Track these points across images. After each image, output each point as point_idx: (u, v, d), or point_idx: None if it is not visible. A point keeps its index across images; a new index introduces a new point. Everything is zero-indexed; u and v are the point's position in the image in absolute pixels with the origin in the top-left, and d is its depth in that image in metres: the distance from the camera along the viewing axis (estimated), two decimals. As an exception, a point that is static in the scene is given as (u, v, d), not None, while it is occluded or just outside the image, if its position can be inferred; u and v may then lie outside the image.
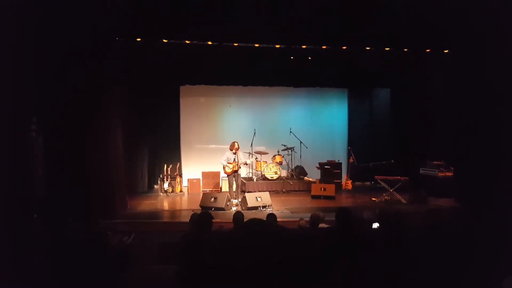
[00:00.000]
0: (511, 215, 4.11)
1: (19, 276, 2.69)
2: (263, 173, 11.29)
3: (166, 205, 9.52)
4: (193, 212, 5.49)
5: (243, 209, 8.40)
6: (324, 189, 10.08)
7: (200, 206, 8.51)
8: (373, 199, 9.78)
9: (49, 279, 2.75)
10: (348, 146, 12.04)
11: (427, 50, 9.37)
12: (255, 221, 1.73)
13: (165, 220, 8.10)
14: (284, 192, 10.78)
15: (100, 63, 7.49)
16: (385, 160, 10.36)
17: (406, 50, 9.32)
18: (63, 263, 2.88)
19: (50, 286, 2.71)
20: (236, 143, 9.27)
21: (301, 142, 11.64)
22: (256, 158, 11.39)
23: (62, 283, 2.75)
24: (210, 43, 8.75)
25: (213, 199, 8.58)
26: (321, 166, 11.27)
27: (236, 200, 9.15)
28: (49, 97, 6.84)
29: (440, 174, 9.90)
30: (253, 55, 9.39)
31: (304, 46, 9.23)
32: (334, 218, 4.11)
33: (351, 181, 11.17)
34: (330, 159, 11.67)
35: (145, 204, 9.36)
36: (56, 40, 6.68)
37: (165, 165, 10.65)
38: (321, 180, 10.98)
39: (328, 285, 2.83)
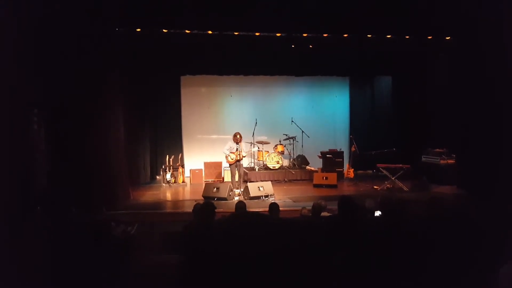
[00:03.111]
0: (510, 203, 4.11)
1: (21, 267, 2.70)
2: (265, 163, 11.29)
3: (168, 196, 9.55)
4: (195, 202, 5.51)
5: (245, 199, 8.43)
6: (326, 178, 10.09)
7: (203, 196, 8.53)
8: (375, 187, 9.78)
9: (52, 269, 2.77)
10: (350, 135, 12.00)
11: (429, 37, 9.30)
12: (255, 215, 1.73)
13: (168, 211, 8.14)
14: (286, 181, 10.79)
15: (100, 54, 7.46)
16: (387, 148, 10.34)
17: (407, 37, 9.25)
18: (66, 254, 2.90)
19: (54, 277, 2.73)
20: (238, 135, 9.25)
21: (302, 131, 11.62)
22: (258, 148, 11.39)
23: (65, 273, 2.77)
24: (210, 32, 8.69)
25: (215, 189, 8.59)
26: (323, 155, 11.27)
27: (238, 190, 9.17)
28: (49, 89, 6.83)
29: (442, 161, 9.88)
30: (254, 44, 9.32)
31: (305, 35, 9.15)
32: (336, 207, 4.11)
33: (353, 169, 11.16)
34: (332, 148, 11.66)
35: (148, 195, 9.39)
36: (56, 31, 6.65)
37: (167, 155, 10.66)
38: (323, 169, 10.99)
39: (331, 273, 2.84)
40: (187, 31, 8.59)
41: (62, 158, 6.94)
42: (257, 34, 8.90)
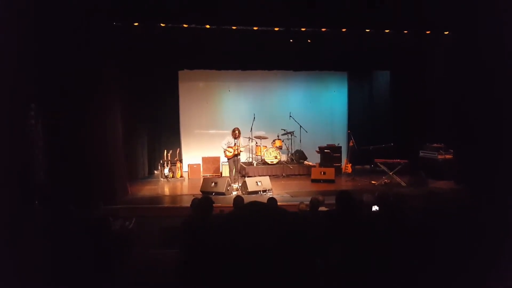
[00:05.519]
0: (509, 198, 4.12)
1: (20, 263, 2.70)
2: (263, 158, 11.30)
3: (166, 190, 9.56)
4: (193, 197, 5.51)
5: (243, 194, 8.44)
6: (324, 173, 10.10)
7: (201, 191, 8.53)
8: (372, 182, 9.80)
9: (50, 264, 2.77)
10: (348, 130, 12.01)
11: (427, 32, 9.28)
12: (255, 204, 1.73)
13: (166, 205, 8.15)
14: (284, 176, 10.80)
15: (97, 48, 7.43)
16: (384, 143, 10.35)
17: (406, 32, 9.23)
18: (64, 249, 2.90)
19: (52, 271, 2.74)
20: (237, 130, 9.22)
21: (300, 126, 11.61)
22: (256, 142, 11.38)
23: (63, 268, 2.77)
24: (208, 26, 8.65)
25: (213, 184, 8.60)
26: (321, 150, 11.28)
27: (236, 185, 9.18)
28: (47, 84, 6.80)
29: (439, 156, 9.89)
30: (252, 39, 9.29)
31: (303, 29, 9.13)
32: (334, 202, 4.13)
33: (350, 164, 11.16)
34: (330, 143, 11.67)
35: (146, 190, 9.39)
36: (53, 26, 6.61)
37: (165, 150, 10.66)
38: (321, 164, 11.00)
39: (328, 267, 2.85)
40: (184, 26, 8.54)
41: (60, 153, 6.93)
42: (255, 28, 8.87)
